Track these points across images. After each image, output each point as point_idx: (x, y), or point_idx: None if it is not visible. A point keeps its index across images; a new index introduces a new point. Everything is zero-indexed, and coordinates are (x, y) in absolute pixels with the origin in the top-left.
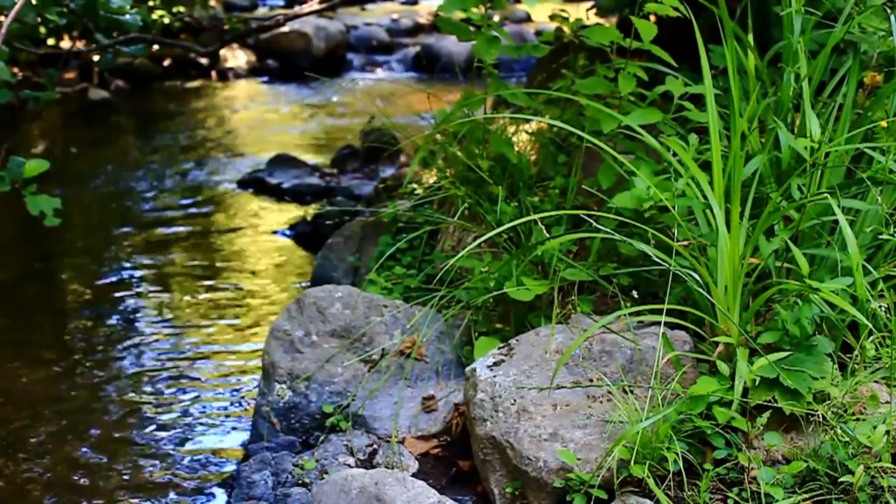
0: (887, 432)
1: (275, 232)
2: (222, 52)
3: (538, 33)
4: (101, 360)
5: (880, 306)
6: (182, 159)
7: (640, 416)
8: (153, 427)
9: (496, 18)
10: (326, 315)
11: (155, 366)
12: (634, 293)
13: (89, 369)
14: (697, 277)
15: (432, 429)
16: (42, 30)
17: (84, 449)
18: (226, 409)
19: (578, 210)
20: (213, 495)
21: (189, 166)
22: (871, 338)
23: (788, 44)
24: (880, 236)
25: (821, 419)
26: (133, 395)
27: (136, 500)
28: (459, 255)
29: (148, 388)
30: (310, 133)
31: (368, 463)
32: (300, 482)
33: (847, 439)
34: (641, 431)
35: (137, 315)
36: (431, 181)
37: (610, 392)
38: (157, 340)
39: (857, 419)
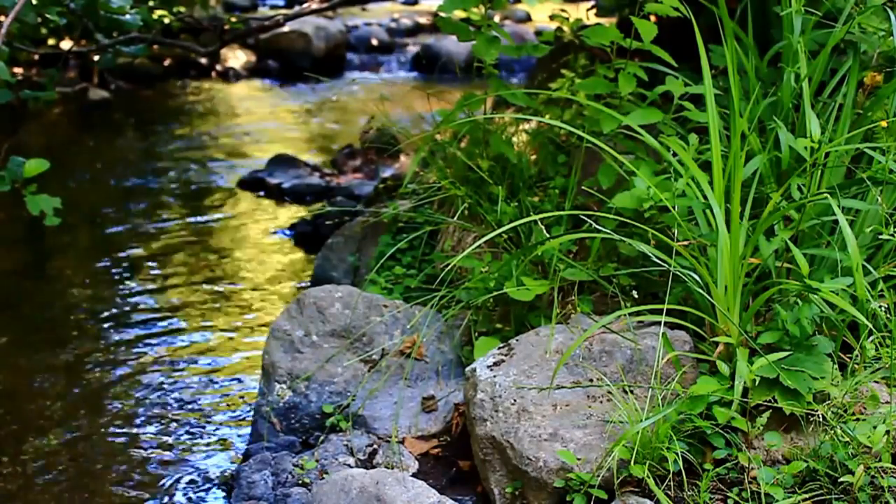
0: (887, 432)
1: (275, 232)
2: (222, 52)
3: (538, 33)
4: (100, 360)
5: (880, 306)
6: (182, 159)
7: (640, 416)
8: (152, 427)
9: (496, 18)
10: (326, 315)
11: (154, 365)
12: (634, 293)
13: (88, 369)
14: (697, 277)
15: (432, 429)
16: (42, 30)
17: (83, 449)
18: (226, 409)
19: (578, 210)
20: (214, 495)
21: (189, 166)
22: (871, 338)
23: (788, 44)
24: (880, 236)
25: (821, 419)
26: (132, 394)
27: (135, 500)
28: (460, 255)
29: (147, 388)
30: (310, 133)
31: (368, 463)
32: (300, 482)
33: (847, 439)
34: (641, 431)
35: (137, 315)
36: (431, 181)
37: (610, 392)
38: (156, 340)
39: (857, 419)
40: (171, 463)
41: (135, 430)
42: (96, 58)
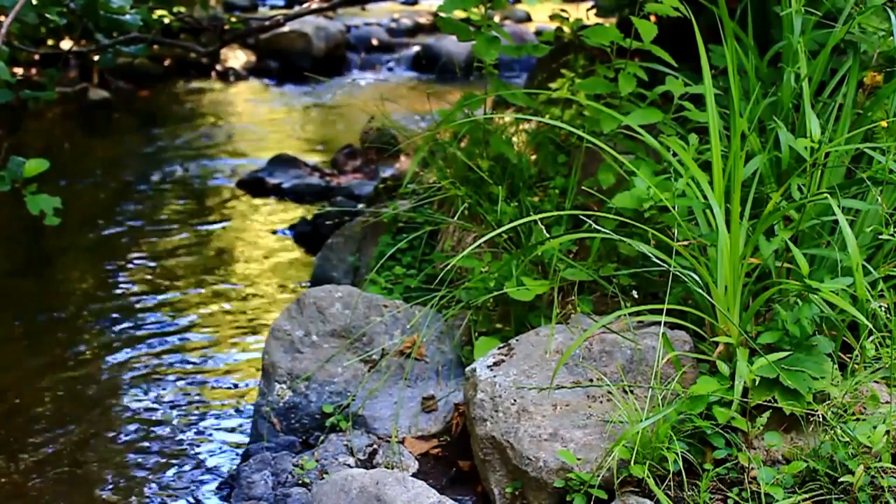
0: (887, 432)
1: (275, 232)
2: (222, 52)
3: (538, 33)
4: (100, 360)
5: (880, 306)
6: (182, 159)
7: (640, 416)
8: (153, 427)
9: (496, 18)
10: (326, 315)
11: (154, 365)
12: (634, 293)
13: (87, 369)
14: (697, 277)
15: (432, 429)
16: (42, 30)
17: (83, 448)
18: (226, 409)
19: (578, 210)
20: (214, 495)
21: (189, 166)
22: (871, 338)
23: (788, 44)
24: (880, 236)
25: (821, 419)
26: (133, 394)
27: (135, 500)
28: (459, 255)
29: (147, 388)
30: (310, 133)
31: (368, 463)
32: (300, 482)
33: (847, 439)
34: (641, 431)
35: (137, 315)
36: (431, 181)
37: (610, 392)
38: (156, 340)
39: (857, 419)
40: (171, 463)
41: (134, 430)
42: (96, 58)
